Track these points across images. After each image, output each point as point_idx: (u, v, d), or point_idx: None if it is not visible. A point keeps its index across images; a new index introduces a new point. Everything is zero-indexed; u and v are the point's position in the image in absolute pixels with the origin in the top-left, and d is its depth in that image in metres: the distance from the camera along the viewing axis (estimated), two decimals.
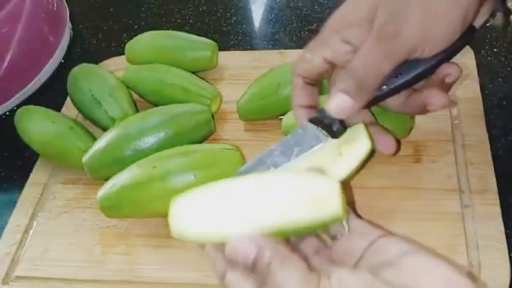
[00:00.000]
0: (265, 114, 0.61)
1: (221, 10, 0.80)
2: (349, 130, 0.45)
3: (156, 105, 0.63)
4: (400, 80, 0.43)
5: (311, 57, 0.45)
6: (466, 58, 0.62)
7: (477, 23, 0.43)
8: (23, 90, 0.71)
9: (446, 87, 0.45)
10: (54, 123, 0.59)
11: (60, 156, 0.59)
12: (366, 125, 0.46)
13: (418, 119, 0.56)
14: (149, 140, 0.55)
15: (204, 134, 0.59)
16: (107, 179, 0.54)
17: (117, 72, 0.67)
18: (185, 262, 0.51)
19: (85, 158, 0.56)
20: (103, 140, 0.56)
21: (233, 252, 0.35)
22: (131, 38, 0.69)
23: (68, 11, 0.80)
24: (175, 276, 0.50)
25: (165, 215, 0.52)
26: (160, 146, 0.55)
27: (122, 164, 0.54)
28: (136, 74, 0.65)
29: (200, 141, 0.59)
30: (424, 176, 0.53)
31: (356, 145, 0.44)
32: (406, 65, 0.42)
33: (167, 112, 0.58)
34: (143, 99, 0.65)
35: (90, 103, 0.61)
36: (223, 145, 0.55)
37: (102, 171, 0.56)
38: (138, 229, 0.54)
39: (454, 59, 0.43)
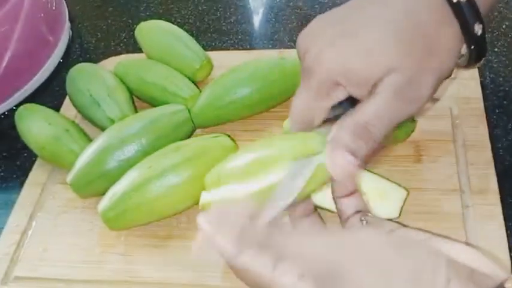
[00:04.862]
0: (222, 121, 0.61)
1: (220, 9, 0.80)
2: None
3: (148, 103, 0.63)
4: None
5: (316, 114, 0.43)
6: None
7: None
8: (22, 90, 0.71)
9: None
10: (51, 125, 0.59)
11: (56, 159, 0.58)
12: None
13: (419, 119, 0.55)
14: (132, 148, 0.54)
15: (186, 133, 0.59)
16: (96, 195, 0.54)
17: None
18: (184, 262, 0.51)
19: (69, 178, 0.55)
20: (84, 156, 0.55)
21: None
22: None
23: (67, 10, 0.80)
24: (175, 277, 0.50)
25: (168, 215, 0.53)
26: (144, 153, 0.54)
27: (108, 177, 0.54)
28: (124, 70, 0.65)
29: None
30: (424, 176, 0.53)
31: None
32: None
33: (145, 117, 0.57)
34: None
35: (88, 103, 0.61)
36: (212, 134, 0.55)
37: (89, 189, 0.55)
38: (137, 229, 0.53)
39: None
